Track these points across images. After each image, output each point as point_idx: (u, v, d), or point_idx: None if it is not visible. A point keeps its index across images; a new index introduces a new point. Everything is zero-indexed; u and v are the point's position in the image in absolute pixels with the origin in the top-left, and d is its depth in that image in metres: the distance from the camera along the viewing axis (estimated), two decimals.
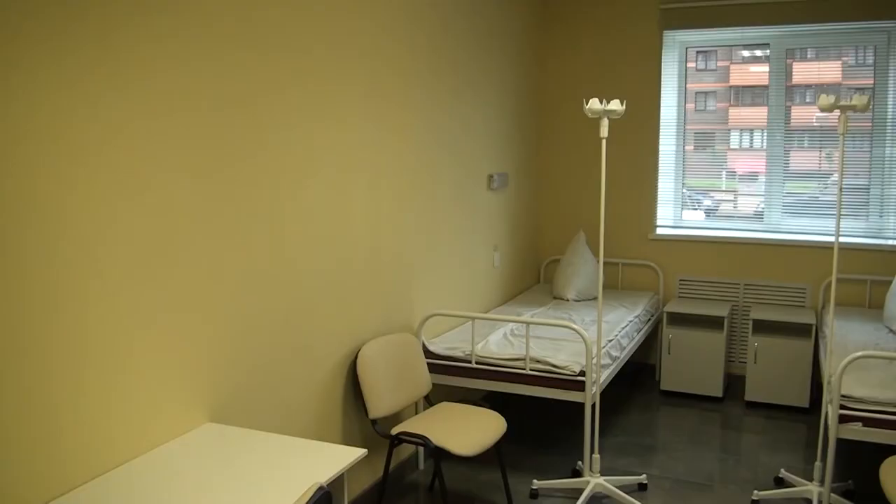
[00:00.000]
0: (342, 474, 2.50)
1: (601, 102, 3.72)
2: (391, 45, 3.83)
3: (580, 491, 3.93)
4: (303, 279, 3.25)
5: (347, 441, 3.67)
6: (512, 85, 5.54)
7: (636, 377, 6.00)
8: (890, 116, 5.41)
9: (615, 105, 3.72)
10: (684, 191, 6.16)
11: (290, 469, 2.42)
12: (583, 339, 3.85)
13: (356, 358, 3.60)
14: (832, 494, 3.80)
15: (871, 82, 5.51)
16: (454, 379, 4.18)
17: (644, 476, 4.14)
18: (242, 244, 2.88)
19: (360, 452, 2.57)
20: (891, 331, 4.82)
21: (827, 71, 5.72)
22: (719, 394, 5.45)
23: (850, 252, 5.53)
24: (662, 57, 5.94)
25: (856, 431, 3.53)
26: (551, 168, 6.33)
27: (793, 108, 5.78)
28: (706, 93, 6.15)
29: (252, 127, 2.89)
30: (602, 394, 5.38)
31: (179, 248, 2.58)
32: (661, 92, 5.97)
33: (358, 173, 3.61)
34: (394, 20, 3.85)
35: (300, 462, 2.48)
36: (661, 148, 6.04)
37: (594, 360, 3.95)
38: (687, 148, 6.12)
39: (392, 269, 3.98)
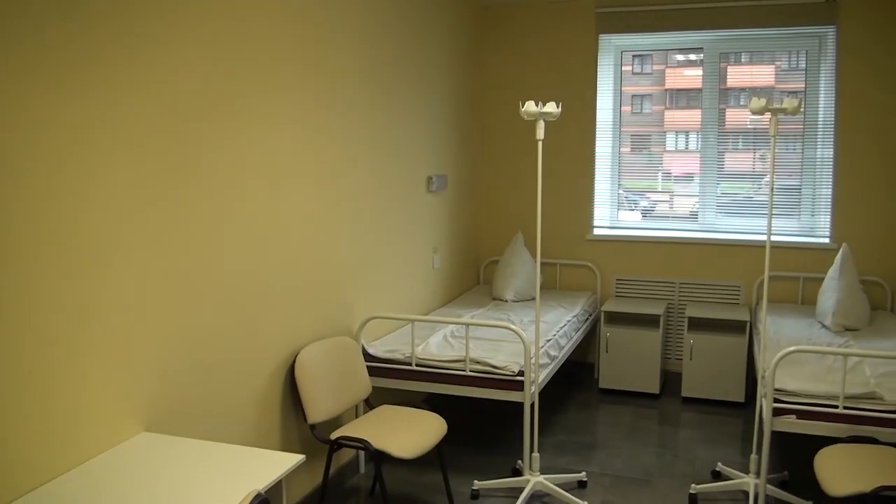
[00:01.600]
0: (280, 481, 2.50)
1: (537, 105, 3.77)
2: (328, 50, 3.84)
3: (520, 490, 3.98)
4: (239, 285, 3.24)
5: (286, 447, 3.66)
6: (451, 87, 5.58)
7: (575, 376, 6.09)
8: (821, 119, 5.59)
9: (551, 107, 3.77)
10: (621, 192, 6.27)
11: (228, 477, 2.41)
12: (521, 339, 3.91)
13: (294, 363, 3.60)
14: (768, 486, 3.91)
15: (803, 86, 5.68)
16: (394, 382, 4.20)
17: (583, 473, 4.21)
18: (176, 250, 2.86)
19: (298, 458, 2.57)
20: (823, 326, 4.98)
21: (760, 75, 5.88)
22: (656, 390, 5.57)
23: (783, 250, 5.70)
24: (598, 60, 6.04)
25: (790, 424, 3.63)
26: (490, 169, 6.39)
27: (727, 110, 5.93)
28: (642, 96, 6.27)
29: (190, 134, 2.87)
30: (541, 393, 5.44)
31: (113, 253, 2.56)
32: (597, 95, 6.07)
33: (295, 178, 3.61)
34: (331, 26, 3.85)
35: (237, 470, 2.47)
36: (597, 150, 6.14)
37: (533, 360, 4.01)
38: (623, 150, 6.23)
39: (331, 272, 3.99)
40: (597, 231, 6.21)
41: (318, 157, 3.81)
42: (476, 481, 4.09)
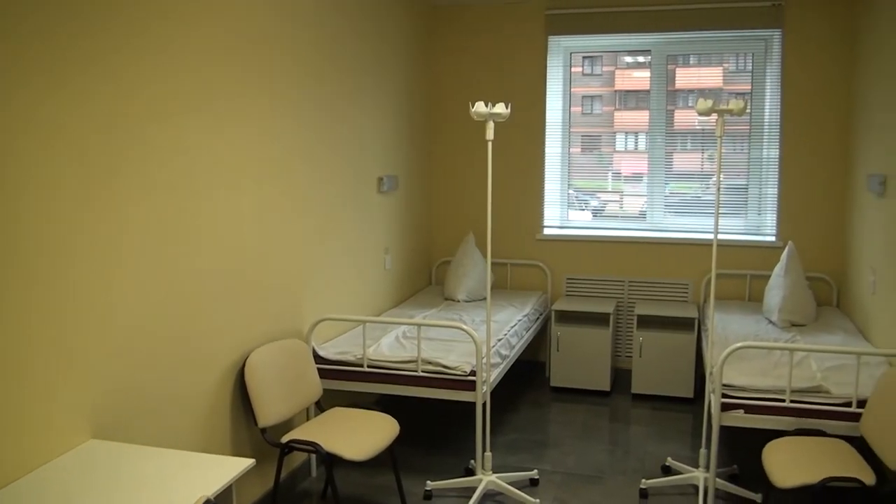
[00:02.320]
0: (230, 486, 2.47)
1: (487, 106, 3.78)
2: (277, 51, 3.79)
3: (473, 489, 3.97)
4: (188, 287, 3.18)
5: (237, 451, 3.61)
6: (400, 88, 5.55)
7: (527, 375, 6.11)
8: (767, 120, 5.69)
9: (500, 108, 3.78)
10: (571, 192, 6.31)
11: (176, 484, 2.37)
12: (473, 339, 3.90)
13: (244, 366, 3.55)
14: (717, 479, 3.97)
15: (750, 88, 5.78)
16: (346, 383, 4.16)
17: (535, 471, 4.22)
18: (124, 253, 2.80)
19: (247, 463, 2.54)
20: (770, 322, 5.07)
21: (708, 76, 5.97)
22: (607, 388, 5.61)
23: (730, 248, 5.79)
24: (548, 61, 6.07)
25: (738, 418, 3.69)
26: (441, 170, 6.38)
27: (676, 111, 6.00)
28: (592, 97, 6.32)
29: (140, 136, 2.81)
30: (493, 392, 5.45)
31: (55, 257, 2.49)
32: (547, 96, 6.10)
33: (244, 180, 3.56)
34: (279, 28, 3.81)
35: (186, 476, 2.43)
36: (547, 150, 6.17)
37: (484, 360, 4.01)
38: (574, 150, 6.27)
39: (281, 274, 3.94)
40: (547, 231, 6.25)
41: (267, 159, 3.76)
42: (429, 482, 4.07)
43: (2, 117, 2.27)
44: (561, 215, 6.28)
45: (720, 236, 5.82)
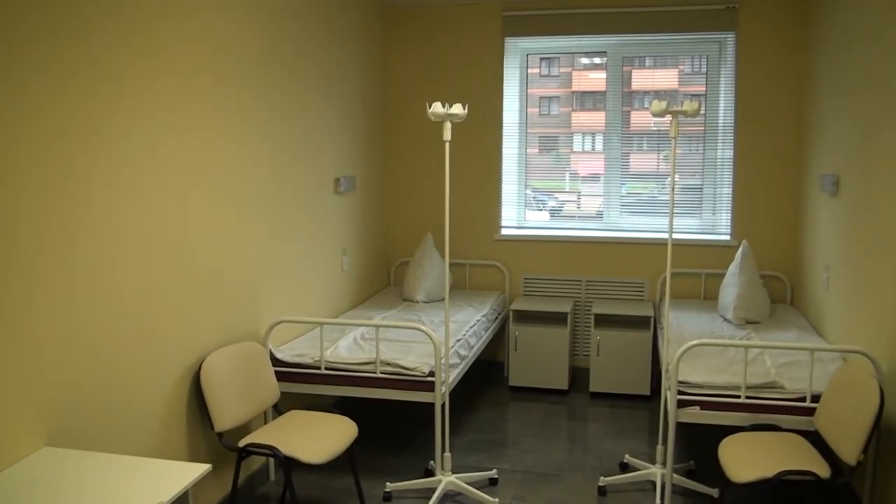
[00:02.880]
0: (187, 492, 2.44)
1: (444, 106, 3.77)
2: (229, 54, 3.74)
3: (433, 490, 3.96)
4: (141, 291, 3.12)
5: (194, 457, 3.55)
6: (357, 88, 5.52)
7: (485, 375, 6.11)
8: (721, 121, 5.76)
9: (457, 109, 3.78)
10: (529, 192, 6.33)
11: (132, 490, 2.33)
12: (431, 340, 3.89)
13: (199, 369, 3.49)
14: (674, 475, 4.00)
15: (704, 89, 5.84)
16: (303, 386, 4.12)
17: (494, 471, 4.22)
18: (76, 257, 2.74)
19: (203, 468, 2.51)
20: (725, 319, 5.13)
21: (664, 78, 6.03)
22: (565, 387, 5.63)
23: (685, 247, 5.86)
24: (504, 62, 6.08)
25: (694, 415, 3.73)
26: (399, 170, 6.36)
27: (632, 112, 6.05)
28: (550, 98, 6.34)
29: (88, 138, 2.75)
30: (452, 393, 5.45)
31: (4, 262, 2.42)
32: (504, 96, 6.11)
33: (198, 182, 3.50)
34: (232, 28, 3.76)
35: (142, 482, 2.39)
36: (504, 151, 6.18)
37: (443, 361, 4.00)
38: (532, 151, 6.29)
39: (237, 276, 3.89)
40: (505, 231, 6.26)
41: (221, 161, 3.71)
42: (388, 483, 4.05)
43: None
44: (518, 215, 6.30)
45: (676, 236, 5.89)
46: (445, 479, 3.95)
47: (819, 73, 5.08)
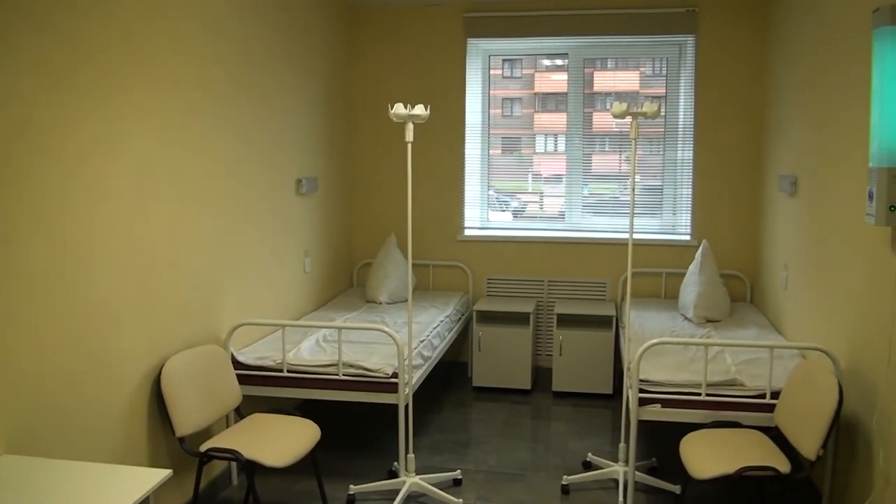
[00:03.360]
0: (147, 498, 2.41)
1: (406, 107, 3.76)
2: (190, 55, 3.70)
3: (397, 492, 3.95)
4: (100, 294, 3.07)
5: (155, 462, 3.50)
6: (320, 89, 5.49)
7: (449, 375, 6.11)
8: (681, 122, 5.82)
9: (419, 110, 3.77)
10: (492, 193, 6.35)
11: (92, 497, 2.30)
12: (394, 341, 3.88)
13: (160, 374, 3.44)
14: (637, 472, 4.03)
15: (664, 91, 5.90)
16: (266, 389, 4.09)
17: (458, 471, 4.22)
18: (31, 262, 2.68)
19: (164, 474, 2.48)
20: (685, 318, 5.19)
21: (625, 80, 6.08)
22: (528, 386, 5.65)
23: (646, 247, 5.91)
24: (467, 64, 6.09)
25: (655, 413, 3.76)
26: (362, 172, 6.34)
27: (594, 114, 6.09)
28: (513, 99, 6.36)
29: (42, 141, 2.70)
30: (416, 394, 5.43)
31: None
32: (466, 98, 6.12)
33: (158, 183, 3.45)
34: (194, 27, 3.72)
35: (102, 489, 2.36)
36: (466, 152, 6.18)
37: (406, 362, 3.99)
38: (495, 152, 6.31)
39: (198, 279, 3.84)
40: (468, 232, 6.26)
41: (181, 162, 3.66)
42: (352, 486, 4.03)
43: None
44: (482, 216, 6.31)
45: (637, 236, 5.94)
46: (409, 481, 3.94)
47: (776, 75, 5.16)
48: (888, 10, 2.84)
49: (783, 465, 3.20)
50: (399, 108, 3.75)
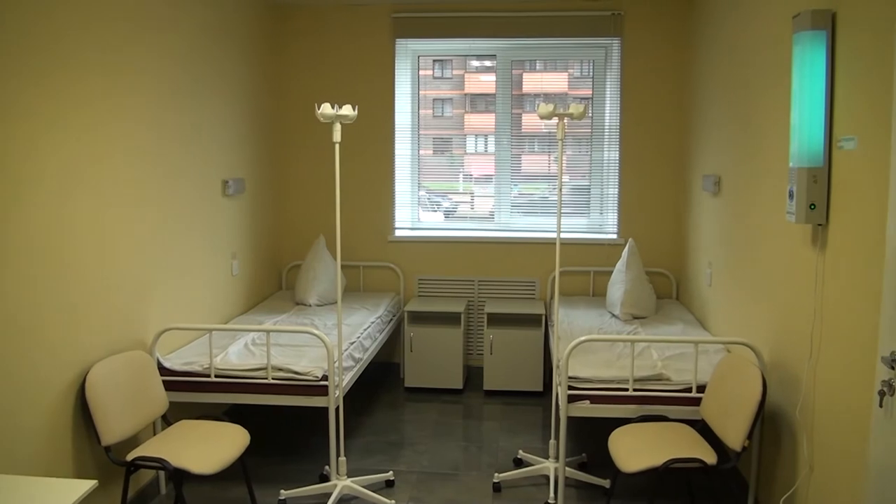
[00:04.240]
0: None
1: (333, 107, 3.74)
2: (113, 53, 3.61)
3: (328, 495, 3.92)
4: (20, 298, 2.97)
5: (81, 473, 3.40)
6: (246, 88, 5.41)
7: (381, 376, 6.09)
8: (607, 123, 5.91)
9: (347, 110, 3.75)
10: (423, 193, 6.35)
11: None
12: (324, 343, 3.85)
13: (84, 381, 3.35)
14: (567, 468, 4.08)
15: (591, 92, 5.98)
16: (193, 395, 4.01)
17: (391, 473, 4.21)
18: None
19: (89, 485, 2.41)
20: (613, 315, 5.27)
21: (553, 81, 6.15)
22: (460, 386, 5.67)
23: (574, 246, 5.98)
24: (396, 64, 6.07)
25: (584, 409, 3.81)
26: (290, 172, 6.27)
27: (523, 115, 6.15)
28: (443, 100, 6.37)
29: None
30: (347, 396, 5.41)
31: None
32: (396, 98, 6.10)
33: (79, 184, 3.35)
34: (116, 22, 3.62)
35: (25, 502, 2.28)
36: (396, 152, 6.17)
37: (336, 364, 3.96)
38: (426, 152, 6.31)
39: (123, 282, 3.75)
40: (398, 233, 6.25)
41: (105, 162, 3.56)
42: (283, 491, 3.98)
43: None
44: (412, 217, 6.30)
45: (564, 235, 6.02)
46: (341, 484, 3.92)
47: (699, 76, 5.28)
48: (808, 16, 2.94)
49: (710, 457, 3.27)
50: (326, 108, 3.71)
